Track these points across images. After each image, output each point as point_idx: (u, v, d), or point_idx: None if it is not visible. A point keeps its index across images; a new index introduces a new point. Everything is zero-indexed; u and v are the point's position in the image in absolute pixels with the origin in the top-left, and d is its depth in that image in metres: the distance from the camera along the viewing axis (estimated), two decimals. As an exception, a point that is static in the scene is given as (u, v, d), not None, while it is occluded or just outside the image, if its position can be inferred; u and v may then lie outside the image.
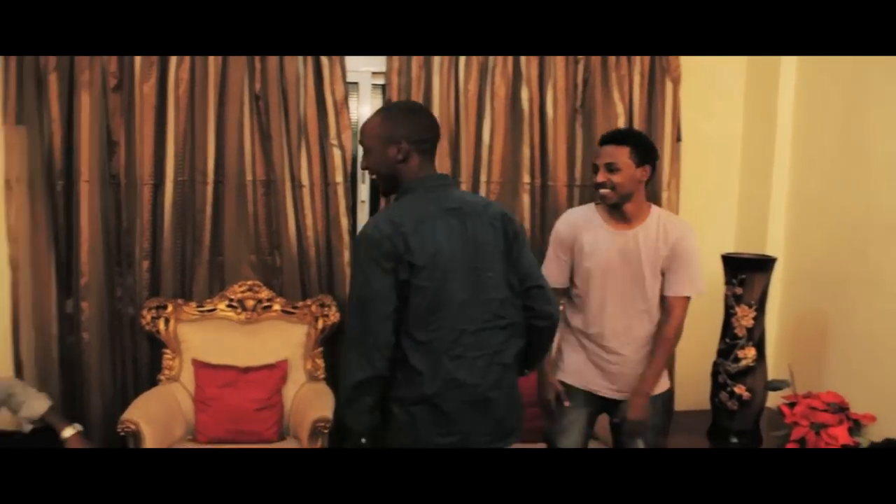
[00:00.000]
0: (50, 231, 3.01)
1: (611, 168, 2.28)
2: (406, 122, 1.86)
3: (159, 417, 2.84)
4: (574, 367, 2.44)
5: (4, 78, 2.93)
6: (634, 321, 2.36)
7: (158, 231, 3.04)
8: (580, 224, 2.40)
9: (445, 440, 1.78)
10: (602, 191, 2.31)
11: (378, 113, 1.92)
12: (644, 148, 2.32)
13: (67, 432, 2.54)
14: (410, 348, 1.76)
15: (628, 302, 2.35)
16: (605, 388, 2.41)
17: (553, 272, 2.40)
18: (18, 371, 2.99)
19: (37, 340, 3.03)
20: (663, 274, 2.34)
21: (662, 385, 2.43)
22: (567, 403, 2.41)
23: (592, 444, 2.70)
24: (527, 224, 3.23)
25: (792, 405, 2.64)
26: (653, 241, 2.33)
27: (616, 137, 2.33)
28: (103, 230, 3.02)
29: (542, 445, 2.54)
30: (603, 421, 2.52)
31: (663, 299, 2.36)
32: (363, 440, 1.75)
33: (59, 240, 3.04)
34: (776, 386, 2.73)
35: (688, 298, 2.35)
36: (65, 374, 3.07)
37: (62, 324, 3.06)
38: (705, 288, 2.36)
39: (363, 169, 1.93)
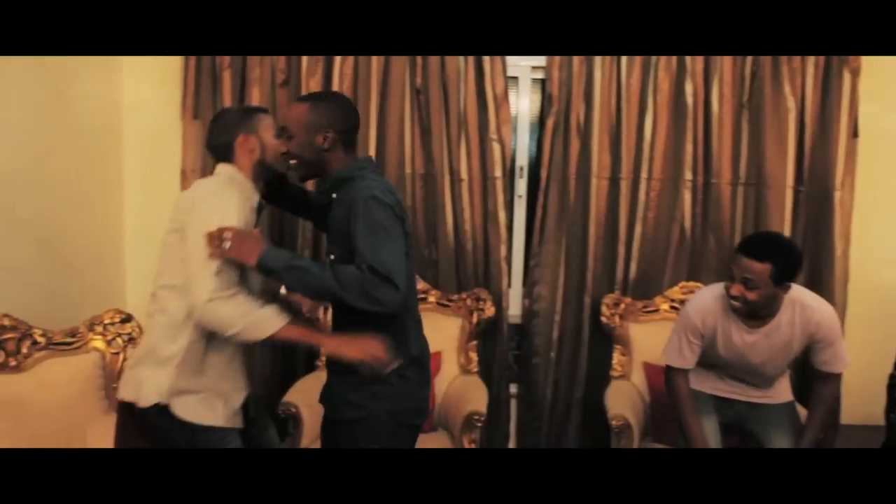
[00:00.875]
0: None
1: (747, 284, 2.16)
2: (333, 111, 1.90)
3: (315, 401, 2.92)
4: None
5: (184, 76, 3.09)
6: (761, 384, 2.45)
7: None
8: (712, 315, 2.35)
9: (425, 394, 1.97)
10: (734, 303, 2.23)
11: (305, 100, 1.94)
12: (788, 266, 2.17)
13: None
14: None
15: (758, 381, 2.43)
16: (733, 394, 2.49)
17: (686, 356, 2.39)
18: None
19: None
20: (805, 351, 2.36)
21: (784, 396, 2.49)
22: None
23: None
24: (687, 223, 3.14)
25: None
26: (787, 337, 2.28)
27: (758, 252, 2.15)
28: (268, 218, 3.12)
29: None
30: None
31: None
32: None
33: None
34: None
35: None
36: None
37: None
38: (850, 360, 2.34)
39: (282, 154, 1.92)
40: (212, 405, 1.97)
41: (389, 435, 1.87)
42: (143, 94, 3.14)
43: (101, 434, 2.41)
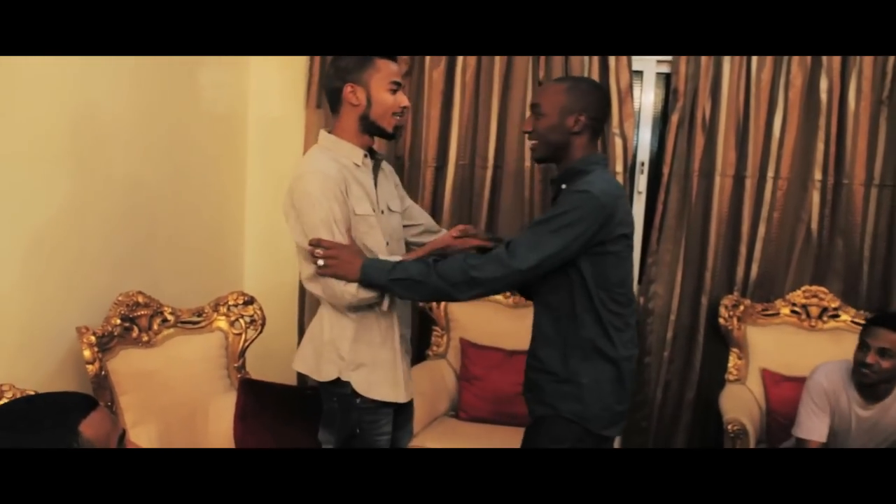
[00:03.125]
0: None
1: (884, 354, 2.18)
2: (590, 95, 1.87)
3: (426, 391, 2.94)
4: None
5: (308, 66, 3.16)
6: None
7: (438, 211, 3.14)
8: (839, 388, 2.33)
9: (620, 402, 1.91)
10: (865, 371, 2.22)
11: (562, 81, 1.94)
12: None
13: None
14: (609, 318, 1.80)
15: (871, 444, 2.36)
16: None
17: (817, 427, 2.33)
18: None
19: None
20: None
21: None
22: None
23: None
24: (814, 224, 3.03)
25: None
26: None
27: None
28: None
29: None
30: None
31: None
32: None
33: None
34: None
35: None
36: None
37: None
38: None
39: (524, 130, 1.93)
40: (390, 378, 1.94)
41: (574, 441, 1.79)
42: (268, 82, 3.22)
43: (222, 410, 2.50)
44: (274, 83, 3.21)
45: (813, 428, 2.32)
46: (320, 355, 1.95)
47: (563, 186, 1.85)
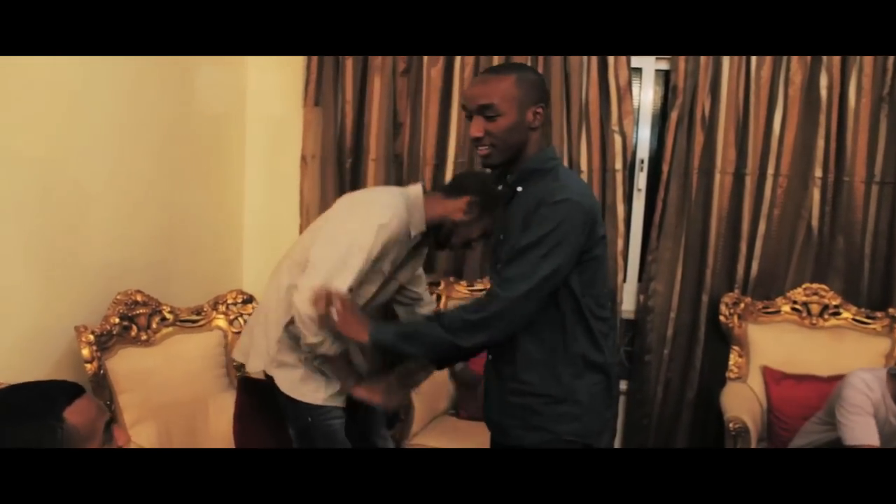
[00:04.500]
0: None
1: None
2: (539, 82, 1.71)
3: (426, 390, 2.91)
4: None
5: (306, 64, 3.14)
6: None
7: (438, 210, 3.12)
8: (877, 396, 2.30)
9: (611, 412, 1.86)
10: None
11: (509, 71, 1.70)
12: None
13: None
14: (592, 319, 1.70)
15: None
16: None
17: (871, 432, 2.26)
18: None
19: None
20: None
21: None
22: None
23: None
24: (815, 222, 3.02)
25: None
26: None
27: None
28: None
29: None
30: None
31: None
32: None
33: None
34: None
35: None
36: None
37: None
38: None
39: (474, 136, 1.68)
40: (314, 382, 2.07)
41: None
42: (266, 81, 3.21)
43: (222, 409, 2.50)
44: (272, 81, 3.20)
45: (868, 433, 2.25)
46: (251, 345, 2.14)
47: (519, 189, 1.71)
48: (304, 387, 2.08)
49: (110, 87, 2.31)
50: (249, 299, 2.80)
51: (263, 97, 3.22)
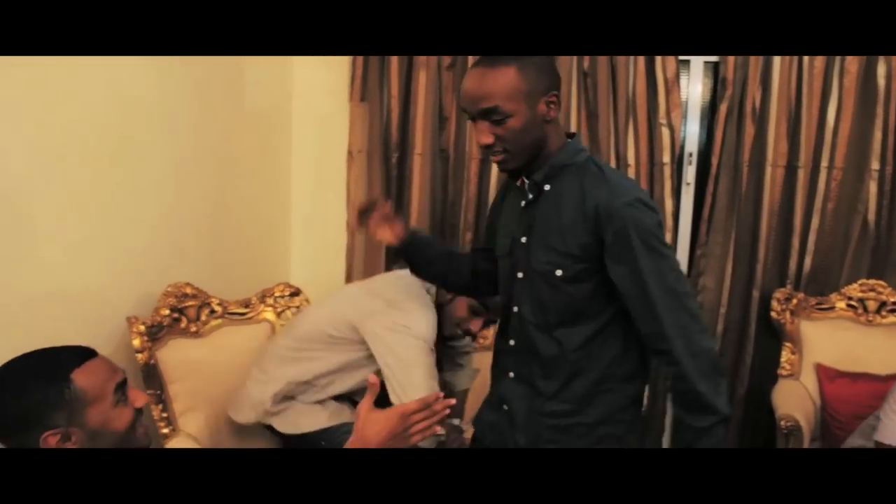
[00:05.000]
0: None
1: None
2: (546, 66, 1.49)
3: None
4: None
5: (352, 60, 3.16)
6: None
7: (483, 204, 3.12)
8: None
9: None
10: None
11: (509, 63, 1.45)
12: None
13: None
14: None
15: None
16: None
17: None
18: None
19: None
20: None
21: None
22: None
23: None
24: (871, 216, 2.93)
25: None
26: None
27: None
28: (430, 200, 3.16)
29: None
30: None
31: None
32: None
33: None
34: None
35: None
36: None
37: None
38: None
39: (483, 144, 1.48)
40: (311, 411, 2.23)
41: None
42: (312, 77, 3.24)
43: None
44: (318, 78, 3.23)
45: None
46: (241, 396, 2.39)
47: (547, 188, 1.53)
48: (305, 419, 2.17)
49: (160, 86, 2.36)
50: (297, 292, 2.84)
51: (310, 94, 3.25)
